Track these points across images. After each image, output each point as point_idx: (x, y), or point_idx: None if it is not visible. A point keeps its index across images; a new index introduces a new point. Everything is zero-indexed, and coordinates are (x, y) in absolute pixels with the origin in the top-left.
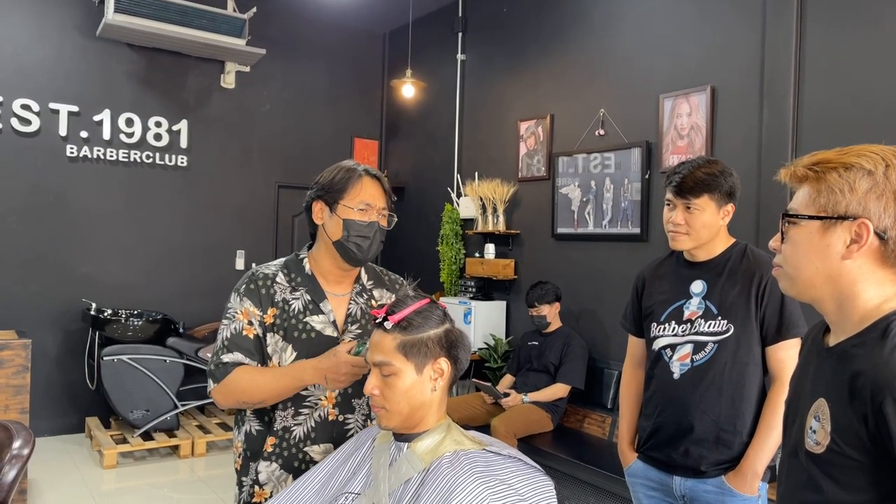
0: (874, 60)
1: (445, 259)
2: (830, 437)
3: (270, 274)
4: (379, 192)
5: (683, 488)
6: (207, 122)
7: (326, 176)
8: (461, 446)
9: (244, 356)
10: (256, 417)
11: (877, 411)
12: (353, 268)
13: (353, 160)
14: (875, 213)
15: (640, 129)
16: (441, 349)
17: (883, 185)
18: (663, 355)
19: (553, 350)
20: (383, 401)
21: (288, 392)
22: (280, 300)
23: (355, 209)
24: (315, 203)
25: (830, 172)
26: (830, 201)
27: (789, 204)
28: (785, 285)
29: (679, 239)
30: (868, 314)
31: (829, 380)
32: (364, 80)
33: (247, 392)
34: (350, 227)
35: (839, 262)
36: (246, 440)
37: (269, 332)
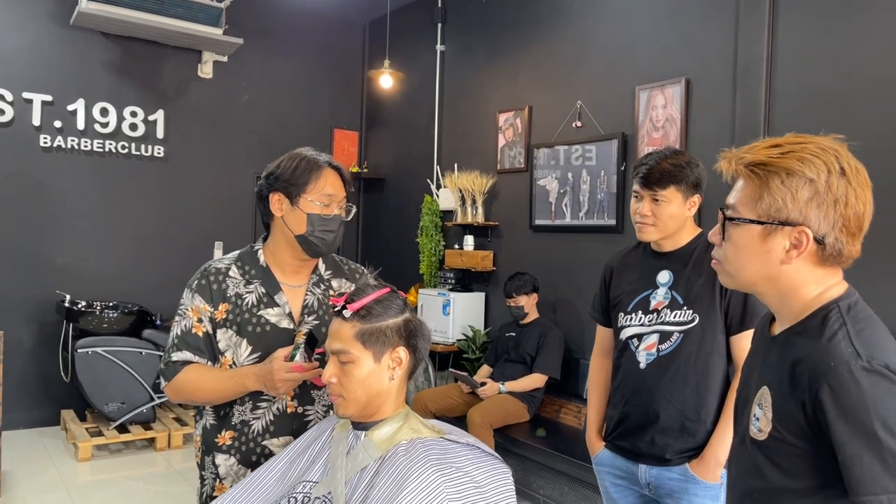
0: (844, 52)
1: (425, 251)
2: (772, 425)
3: (223, 268)
4: (339, 184)
5: (648, 476)
6: (184, 112)
7: (286, 167)
8: (418, 434)
9: (193, 354)
10: (213, 411)
11: (814, 398)
12: (314, 259)
13: (310, 148)
14: (815, 221)
15: (616, 121)
16: (400, 338)
17: (824, 194)
18: (630, 345)
19: (530, 341)
20: (341, 389)
21: (232, 395)
22: (233, 295)
23: (318, 203)
24: (273, 194)
25: (773, 178)
26: (772, 207)
27: (729, 197)
28: (725, 280)
29: (646, 230)
30: (809, 304)
31: (773, 368)
32: (344, 70)
33: (193, 392)
34: (314, 222)
35: (779, 266)
36: (203, 434)
37: (220, 329)
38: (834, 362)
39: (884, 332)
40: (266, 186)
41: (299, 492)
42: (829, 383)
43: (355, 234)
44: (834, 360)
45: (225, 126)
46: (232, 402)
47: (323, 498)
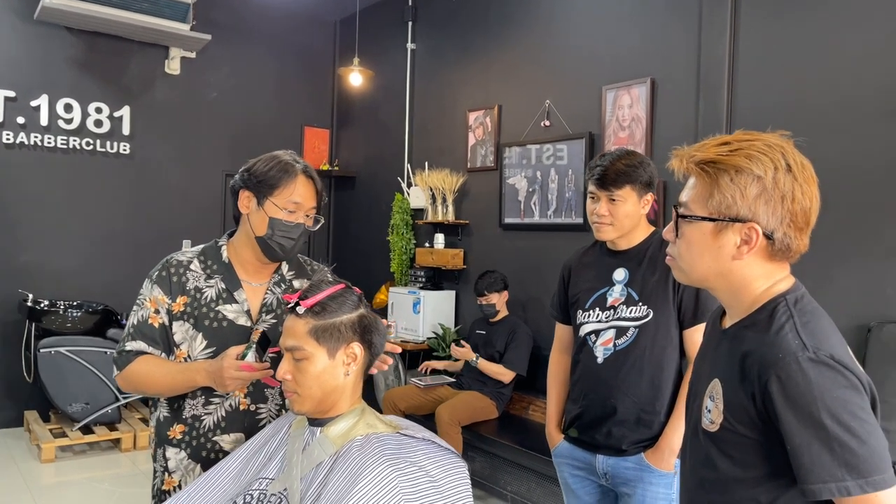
0: (803, 55)
1: (396, 249)
2: (723, 416)
3: (185, 261)
4: (311, 193)
5: (606, 466)
6: (151, 108)
7: (261, 167)
8: (374, 430)
9: (147, 345)
10: (167, 404)
11: (763, 389)
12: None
13: (292, 153)
14: (763, 217)
15: (583, 121)
16: (354, 334)
17: (771, 191)
18: (588, 341)
19: (500, 338)
20: (295, 385)
21: (182, 389)
22: (192, 288)
23: (283, 209)
24: (243, 191)
25: (722, 175)
26: (723, 204)
27: (681, 195)
28: (679, 276)
29: (604, 230)
30: (758, 298)
31: (723, 360)
32: (315, 68)
33: (144, 383)
34: (275, 227)
35: (730, 262)
36: (157, 426)
37: (177, 321)
38: (782, 354)
39: (829, 324)
40: (239, 182)
41: (255, 489)
42: (778, 374)
43: (326, 233)
44: (782, 352)
45: (193, 123)
46: (184, 395)
47: (279, 494)
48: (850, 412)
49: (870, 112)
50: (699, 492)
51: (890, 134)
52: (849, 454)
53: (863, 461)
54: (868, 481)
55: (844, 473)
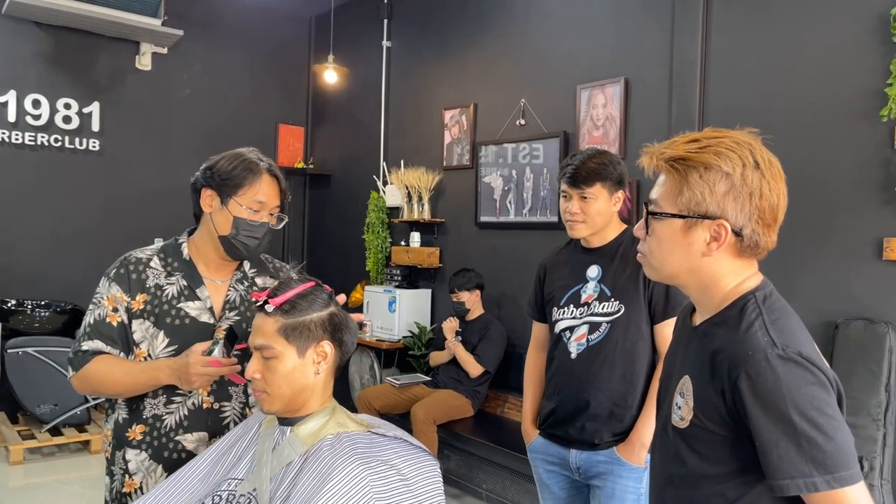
0: (773, 57)
1: (371, 247)
2: (693, 413)
3: (144, 258)
4: (275, 192)
5: (579, 460)
6: (121, 104)
7: (224, 165)
8: (344, 428)
9: (105, 344)
10: (126, 405)
11: (733, 387)
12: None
13: (255, 150)
14: (732, 214)
15: (558, 120)
16: (325, 332)
17: (739, 187)
18: (563, 337)
19: (473, 336)
20: (264, 384)
21: (143, 389)
22: (152, 285)
23: (248, 208)
24: (205, 189)
25: (691, 172)
26: (692, 201)
27: (651, 192)
28: (649, 272)
29: (577, 227)
30: (728, 295)
31: (693, 358)
32: (289, 65)
33: (102, 384)
34: (240, 226)
35: (700, 258)
36: (115, 428)
37: (136, 319)
38: (751, 351)
39: (796, 322)
40: (201, 179)
41: (224, 489)
42: (747, 371)
43: (301, 231)
44: (751, 349)
45: (165, 120)
46: (144, 395)
47: (248, 495)
48: (817, 409)
49: (836, 113)
50: (668, 487)
51: (856, 135)
52: (816, 450)
53: (829, 457)
54: (835, 477)
55: (812, 469)
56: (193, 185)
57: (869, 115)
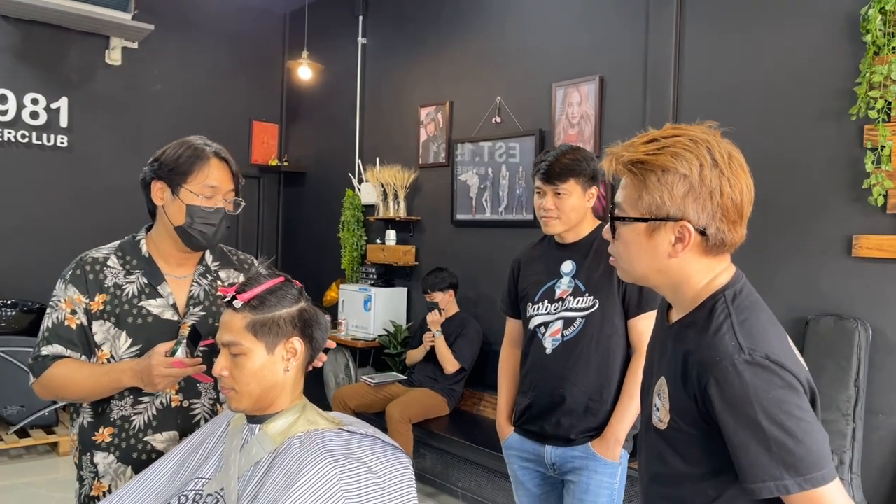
0: (745, 56)
1: (347, 245)
2: (670, 416)
3: (101, 258)
4: (226, 176)
5: (553, 456)
6: (91, 100)
7: (170, 154)
8: (314, 426)
9: (65, 348)
10: (91, 408)
11: (703, 392)
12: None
13: (201, 137)
14: (694, 214)
15: (534, 117)
16: (294, 328)
17: (699, 188)
18: (538, 333)
19: (449, 336)
20: (233, 382)
21: (107, 392)
22: (111, 285)
23: (200, 195)
24: (155, 182)
25: (649, 176)
26: (652, 205)
27: (616, 196)
28: (622, 275)
29: (551, 223)
30: (699, 294)
31: (669, 359)
32: (263, 61)
33: (65, 389)
34: (194, 214)
35: (667, 260)
36: (80, 432)
37: (96, 320)
38: (718, 357)
39: (767, 319)
40: (149, 173)
41: (191, 489)
42: (715, 377)
43: (275, 229)
44: (718, 355)
45: (135, 116)
46: (110, 397)
47: (215, 494)
48: (785, 412)
49: (807, 112)
50: (653, 485)
51: (826, 134)
52: (785, 453)
53: (799, 459)
54: (806, 479)
55: (783, 472)
56: (143, 181)
57: (838, 114)
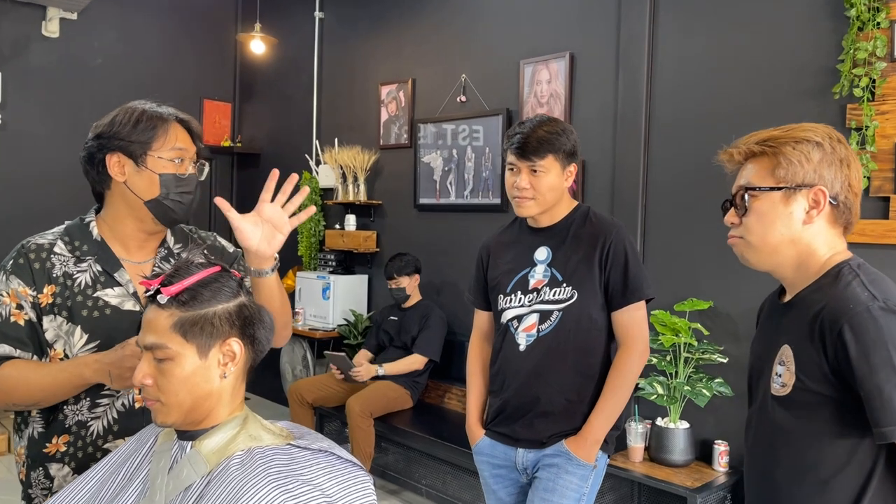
0: (723, 31)
1: (304, 231)
2: (795, 376)
3: (46, 244)
4: (188, 137)
5: (525, 460)
6: (26, 74)
7: (125, 122)
8: (258, 442)
9: (13, 348)
10: (41, 417)
11: (836, 339)
12: (163, 229)
13: (147, 101)
14: (828, 181)
15: (501, 96)
16: (232, 327)
17: (831, 155)
18: (510, 327)
19: (412, 324)
20: (158, 392)
21: (67, 392)
22: (60, 275)
23: (170, 160)
24: (111, 156)
25: (784, 146)
26: (789, 172)
27: (739, 182)
28: (745, 254)
29: (525, 204)
30: (823, 266)
31: (791, 327)
32: (214, 35)
33: (15, 392)
34: (169, 183)
35: (801, 227)
36: (29, 445)
37: (46, 315)
38: (852, 304)
39: (892, 283)
40: (98, 147)
41: None
42: (850, 323)
43: None
44: (852, 303)
45: (75, 91)
46: (63, 402)
47: None
48: None
49: (787, 91)
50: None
51: (808, 113)
52: None
53: None
54: None
55: None
56: (89, 158)
57: (820, 92)
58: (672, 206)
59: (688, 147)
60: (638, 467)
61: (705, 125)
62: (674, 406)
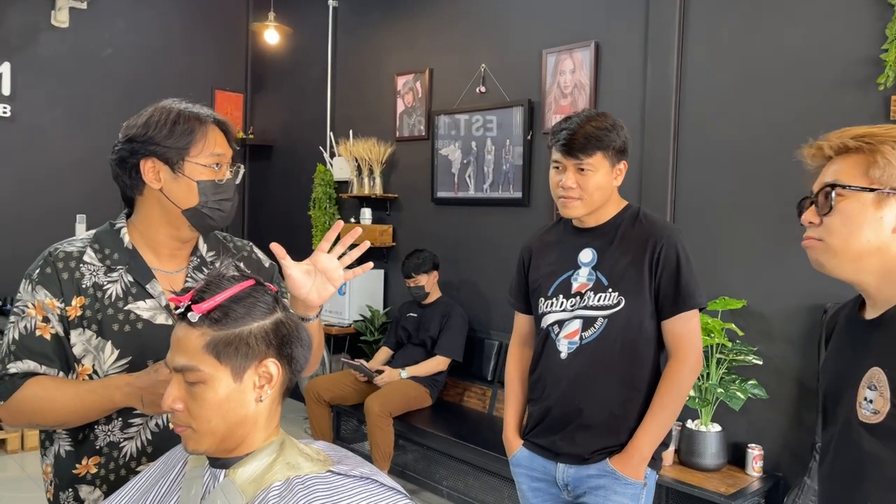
0: (759, 18)
1: (318, 225)
2: (891, 403)
3: (75, 252)
4: (225, 141)
5: (566, 476)
6: (35, 65)
7: (157, 124)
8: (296, 471)
9: (39, 364)
10: (70, 435)
11: None
12: (196, 235)
13: (179, 100)
14: None
15: (522, 87)
16: (268, 347)
17: None
18: (551, 333)
19: (432, 322)
20: (189, 418)
21: (96, 414)
22: (90, 285)
23: (209, 166)
24: (145, 161)
25: (883, 145)
26: (885, 174)
27: (824, 178)
28: (823, 258)
29: (571, 205)
30: None
31: (882, 348)
32: (226, 24)
33: (40, 413)
34: (207, 190)
35: (890, 236)
36: (56, 464)
37: (74, 329)
38: None
39: None
40: (131, 152)
41: None
42: None
43: (240, 207)
44: None
45: (86, 83)
46: (93, 422)
47: None
48: None
49: (828, 82)
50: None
51: (850, 105)
52: None
53: None
54: None
55: None
56: (121, 163)
57: (864, 83)
58: (702, 202)
59: (719, 140)
60: (668, 472)
61: (738, 118)
62: (705, 409)
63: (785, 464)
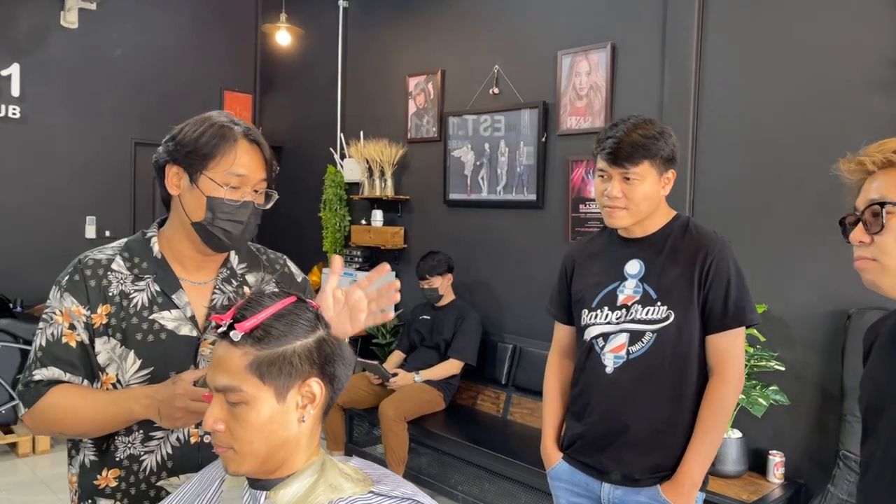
0: (778, 20)
1: (329, 227)
2: None
3: (104, 260)
4: (258, 162)
5: (613, 497)
6: (45, 66)
7: (190, 132)
8: (338, 493)
9: (63, 371)
10: (94, 445)
11: None
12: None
13: (227, 114)
14: None
15: (536, 89)
16: (312, 366)
17: None
18: (595, 346)
19: (446, 325)
20: (231, 439)
21: (116, 425)
22: (116, 293)
23: (224, 185)
24: (170, 166)
25: None
26: None
27: (870, 195)
28: (878, 279)
29: (617, 215)
30: None
31: None
32: (236, 24)
33: (61, 422)
34: (215, 208)
35: None
36: (80, 474)
37: (99, 337)
38: None
39: None
40: (164, 154)
41: None
42: None
43: None
44: None
45: (95, 84)
46: (114, 433)
47: None
48: None
49: (848, 85)
50: None
51: (870, 109)
52: None
53: None
54: None
55: None
56: (156, 164)
57: (886, 84)
58: (721, 207)
59: (739, 144)
60: None
61: (758, 121)
62: None
63: (807, 471)
